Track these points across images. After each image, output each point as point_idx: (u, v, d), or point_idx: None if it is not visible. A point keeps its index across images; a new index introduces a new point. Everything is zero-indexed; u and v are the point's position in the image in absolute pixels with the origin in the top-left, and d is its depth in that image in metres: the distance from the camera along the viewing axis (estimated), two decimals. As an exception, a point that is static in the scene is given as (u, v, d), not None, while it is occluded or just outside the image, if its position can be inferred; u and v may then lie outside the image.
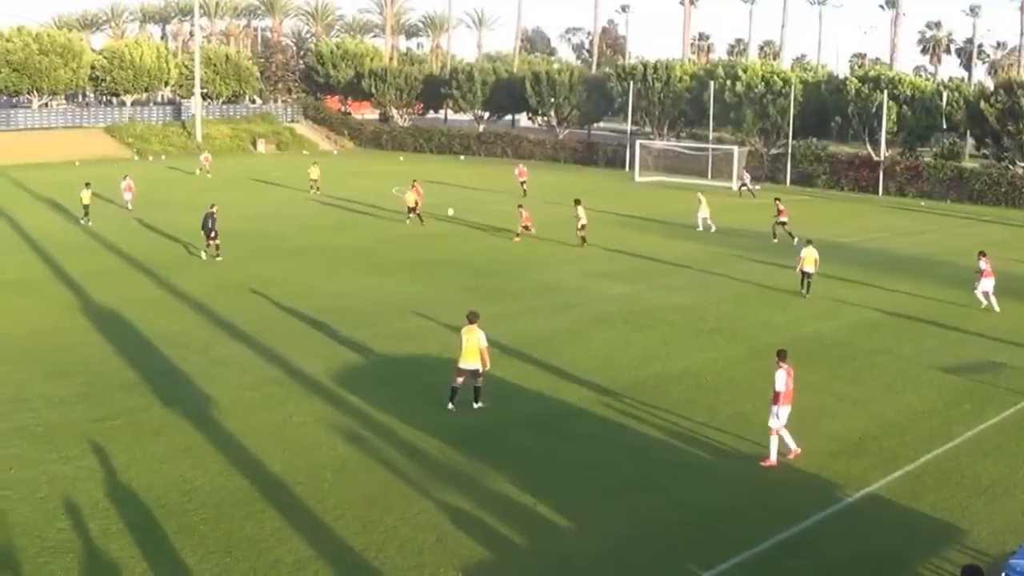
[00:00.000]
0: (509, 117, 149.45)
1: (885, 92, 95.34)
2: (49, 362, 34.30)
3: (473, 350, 29.10)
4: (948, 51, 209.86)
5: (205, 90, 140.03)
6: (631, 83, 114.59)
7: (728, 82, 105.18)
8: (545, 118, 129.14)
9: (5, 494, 23.46)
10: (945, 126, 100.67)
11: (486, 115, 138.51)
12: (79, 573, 19.95)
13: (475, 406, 29.57)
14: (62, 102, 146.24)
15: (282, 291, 45.43)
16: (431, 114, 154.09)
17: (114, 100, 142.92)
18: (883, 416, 29.66)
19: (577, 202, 56.18)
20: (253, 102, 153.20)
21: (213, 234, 53.35)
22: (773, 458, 25.64)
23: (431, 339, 37.11)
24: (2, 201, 78.34)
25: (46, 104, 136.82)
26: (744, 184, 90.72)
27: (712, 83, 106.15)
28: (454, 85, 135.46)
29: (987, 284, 43.24)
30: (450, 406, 29.38)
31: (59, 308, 42.58)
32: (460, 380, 29.46)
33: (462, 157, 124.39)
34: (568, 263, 51.90)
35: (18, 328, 39.06)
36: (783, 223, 61.49)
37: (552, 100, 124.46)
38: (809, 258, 45.34)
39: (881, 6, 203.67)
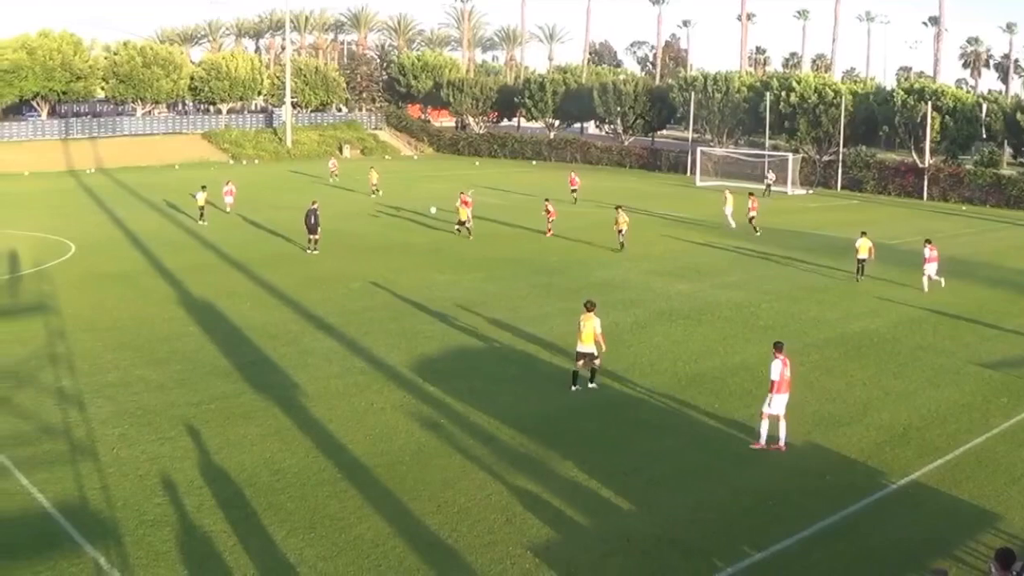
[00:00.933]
0: (578, 125, 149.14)
1: (929, 103, 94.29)
2: (150, 350, 34.62)
3: (590, 335, 29.66)
4: (987, 65, 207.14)
5: (295, 99, 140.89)
6: (692, 93, 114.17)
7: (783, 93, 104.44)
8: (612, 126, 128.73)
9: (109, 471, 23.74)
10: (984, 136, 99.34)
11: (556, 123, 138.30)
12: (175, 546, 20.10)
13: (591, 386, 30.11)
14: (163, 110, 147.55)
15: (366, 286, 45.61)
16: (505, 122, 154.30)
17: (211, 108, 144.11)
18: (925, 408, 29.30)
19: (618, 208, 55.65)
20: (339, 110, 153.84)
21: (316, 229, 54.05)
22: (762, 441, 25.65)
23: (505, 332, 37.07)
24: (108, 201, 79.25)
25: (149, 112, 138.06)
26: (768, 185, 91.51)
27: (768, 94, 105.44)
28: (527, 95, 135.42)
29: (931, 268, 46.04)
30: (573, 387, 29.96)
31: (159, 300, 42.97)
32: (580, 363, 30.03)
33: (534, 162, 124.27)
34: (631, 262, 51.64)
35: (123, 318, 39.48)
36: (751, 217, 64.05)
37: (618, 109, 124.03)
38: (863, 247, 47.94)
39: (925, 23, 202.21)
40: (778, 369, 25.57)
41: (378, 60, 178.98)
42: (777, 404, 25.57)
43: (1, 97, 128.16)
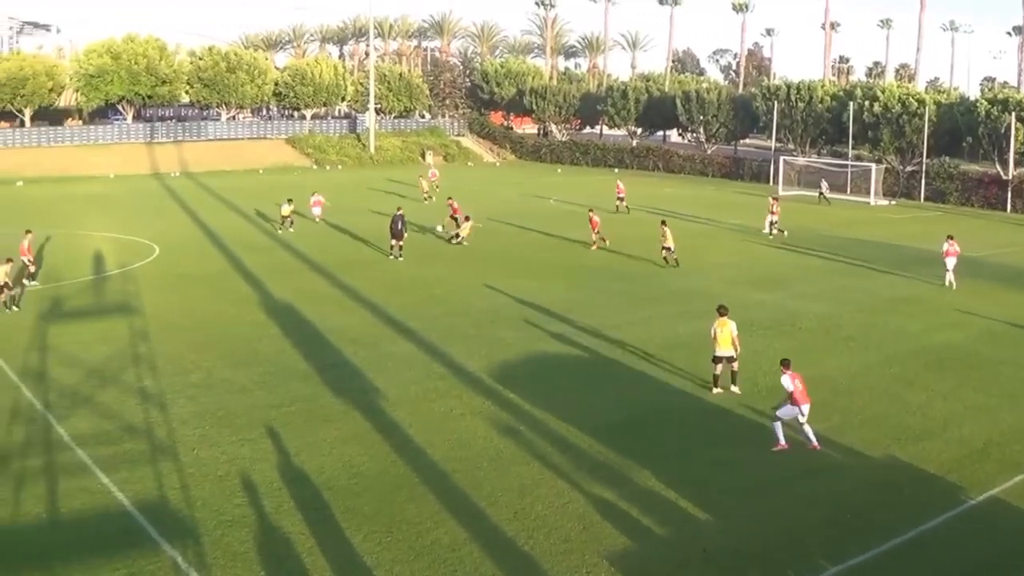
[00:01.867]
0: (660, 133, 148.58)
1: (1013, 114, 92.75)
2: (233, 351, 34.93)
3: (727, 339, 30.30)
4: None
5: (379, 105, 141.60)
6: (775, 102, 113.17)
7: (866, 103, 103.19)
8: (694, 134, 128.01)
9: (190, 471, 24.00)
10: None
11: (639, 131, 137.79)
12: (252, 546, 20.26)
13: (733, 389, 30.53)
14: (248, 115, 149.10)
15: (446, 291, 45.74)
16: (587, 129, 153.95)
17: (295, 114, 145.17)
18: (1006, 423, 28.73)
19: (664, 223, 54.97)
20: (423, 117, 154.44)
21: (402, 235, 54.41)
22: (783, 441, 25.98)
23: (585, 340, 36.94)
24: (192, 204, 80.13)
25: (233, 117, 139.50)
26: (822, 192, 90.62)
27: (851, 103, 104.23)
28: (609, 102, 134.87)
29: (950, 262, 47.97)
30: (716, 390, 30.48)
31: (242, 302, 43.40)
32: (719, 368, 30.51)
33: (616, 170, 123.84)
34: (711, 271, 51.31)
35: (205, 319, 39.92)
36: (772, 222, 65.16)
37: (701, 117, 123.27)
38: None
39: (1009, 32, 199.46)
40: (788, 382, 25.91)
41: (461, 67, 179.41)
42: (789, 412, 26.07)
43: (87, 100, 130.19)
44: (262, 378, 31.80)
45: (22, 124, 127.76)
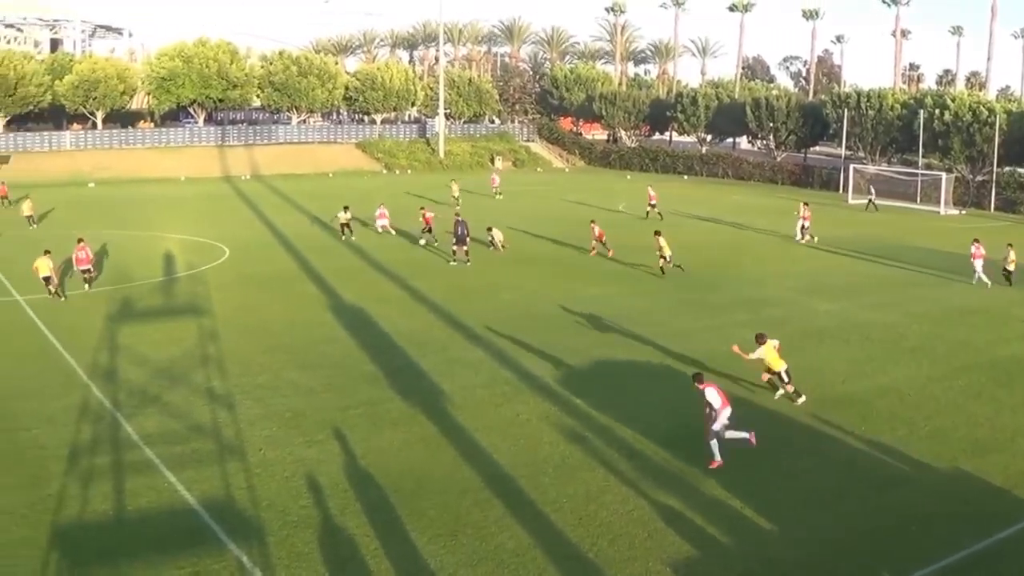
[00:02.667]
0: (730, 140, 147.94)
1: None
2: (300, 353, 35.12)
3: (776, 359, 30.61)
4: None
5: (448, 110, 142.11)
6: (845, 110, 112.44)
7: (936, 111, 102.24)
8: (764, 141, 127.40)
9: (256, 472, 24.15)
10: None
11: (708, 137, 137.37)
12: (317, 547, 20.33)
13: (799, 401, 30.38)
14: (318, 119, 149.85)
15: (513, 297, 45.74)
16: (657, 135, 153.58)
17: (365, 118, 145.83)
18: (1078, 437, 28.32)
19: (658, 233, 54.03)
20: (492, 122, 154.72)
21: (466, 239, 54.45)
22: (719, 458, 25.15)
23: (651, 347, 36.73)
24: (262, 207, 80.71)
25: (304, 121, 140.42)
26: (871, 199, 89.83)
27: (921, 111, 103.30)
28: (679, 109, 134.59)
29: (978, 264, 49.98)
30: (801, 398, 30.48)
31: (310, 304, 43.68)
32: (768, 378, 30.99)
33: (685, 177, 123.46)
34: (779, 280, 50.88)
35: (274, 321, 40.17)
36: (804, 226, 65.20)
37: (771, 124, 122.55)
38: (1010, 259, 49.87)
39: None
40: (714, 395, 25.39)
41: (531, 72, 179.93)
42: (723, 418, 25.44)
43: (159, 103, 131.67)
44: (329, 380, 31.93)
45: (94, 126, 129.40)
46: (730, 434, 25.45)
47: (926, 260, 58.53)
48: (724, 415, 25.23)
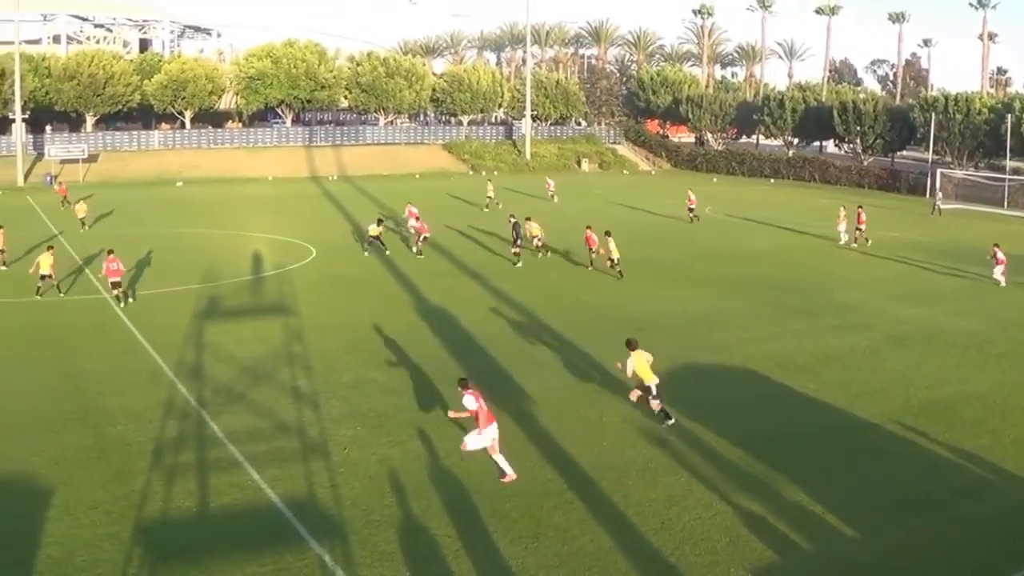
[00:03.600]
0: (817, 143, 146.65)
1: None
2: (384, 353, 35.32)
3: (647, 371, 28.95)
4: None
5: (535, 112, 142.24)
6: (932, 114, 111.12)
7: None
8: (851, 145, 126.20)
9: (339, 471, 24.29)
10: None
11: (795, 141, 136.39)
12: (399, 547, 20.40)
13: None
14: (405, 120, 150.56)
15: (597, 298, 45.67)
16: (743, 139, 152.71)
17: (452, 120, 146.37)
18: None
19: (608, 234, 53.22)
20: (579, 124, 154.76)
21: (518, 241, 54.64)
22: (511, 473, 24.02)
23: (736, 351, 36.47)
24: (349, 208, 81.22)
25: (391, 122, 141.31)
26: (936, 204, 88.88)
27: (1009, 116, 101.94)
28: (765, 112, 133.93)
29: (998, 270, 50.33)
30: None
31: (395, 304, 43.93)
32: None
33: (772, 180, 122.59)
34: (865, 285, 50.26)
35: (359, 321, 40.39)
36: (860, 229, 65.02)
37: (858, 128, 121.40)
38: None
39: None
40: (471, 403, 24.09)
41: (618, 74, 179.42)
42: (485, 436, 24.05)
43: (247, 104, 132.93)
44: (413, 380, 32.07)
45: (183, 126, 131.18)
46: (498, 457, 24.24)
47: (1013, 266, 57.62)
48: (488, 433, 24.08)
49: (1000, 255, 50.62)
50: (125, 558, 19.89)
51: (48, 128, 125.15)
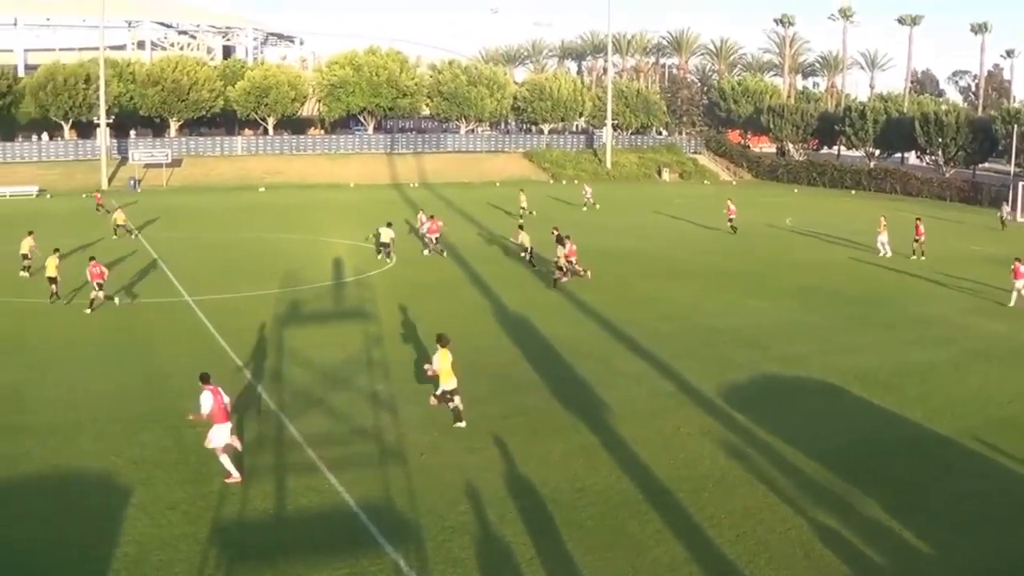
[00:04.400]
0: (898, 155, 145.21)
1: None
2: (463, 360, 34.92)
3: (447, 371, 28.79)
4: None
5: (616, 121, 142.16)
6: (1015, 126, 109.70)
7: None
8: (932, 157, 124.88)
9: (416, 477, 24.32)
10: None
11: (876, 152, 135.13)
12: (474, 553, 20.40)
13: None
14: (486, 128, 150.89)
15: (675, 309, 45.48)
16: (825, 149, 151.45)
17: (532, 128, 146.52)
18: None
19: (567, 237, 52.69)
20: (659, 133, 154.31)
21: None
22: (236, 475, 23.89)
23: (815, 363, 36.09)
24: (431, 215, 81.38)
25: (472, 130, 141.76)
26: (1002, 217, 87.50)
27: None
28: (847, 122, 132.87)
29: (1020, 283, 47.85)
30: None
31: (474, 311, 44.03)
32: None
33: (852, 192, 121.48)
34: (946, 299, 49.52)
35: (437, 327, 39.98)
36: (918, 239, 64.59)
37: (939, 140, 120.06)
38: None
39: None
40: (208, 401, 23.93)
41: (699, 84, 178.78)
42: (216, 437, 24.03)
43: (329, 111, 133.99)
44: (491, 388, 32.04)
45: (265, 132, 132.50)
46: (223, 459, 24.18)
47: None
48: (219, 432, 24.06)
49: (1018, 266, 48.78)
50: (201, 558, 20.06)
51: (132, 133, 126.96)
